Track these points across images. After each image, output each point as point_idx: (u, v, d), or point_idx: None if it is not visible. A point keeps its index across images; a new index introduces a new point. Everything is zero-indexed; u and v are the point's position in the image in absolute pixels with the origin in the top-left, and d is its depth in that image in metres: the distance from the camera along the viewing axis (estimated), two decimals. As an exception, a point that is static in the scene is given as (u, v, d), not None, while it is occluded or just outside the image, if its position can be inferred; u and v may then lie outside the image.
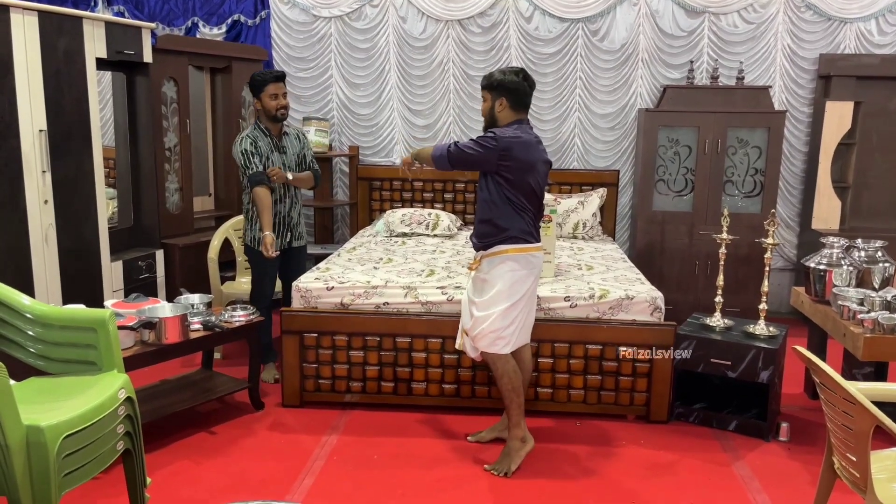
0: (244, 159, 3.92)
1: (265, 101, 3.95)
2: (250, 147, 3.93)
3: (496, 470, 3.18)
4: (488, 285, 3.18)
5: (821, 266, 3.69)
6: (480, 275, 3.22)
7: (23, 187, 3.70)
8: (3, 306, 2.74)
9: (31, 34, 3.69)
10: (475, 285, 3.26)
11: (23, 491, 2.22)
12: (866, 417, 2.08)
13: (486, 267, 3.19)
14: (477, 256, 3.26)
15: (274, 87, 3.95)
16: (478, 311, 3.19)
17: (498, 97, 3.15)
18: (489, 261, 3.18)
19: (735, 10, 5.40)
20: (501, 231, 3.14)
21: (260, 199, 3.89)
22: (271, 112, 3.97)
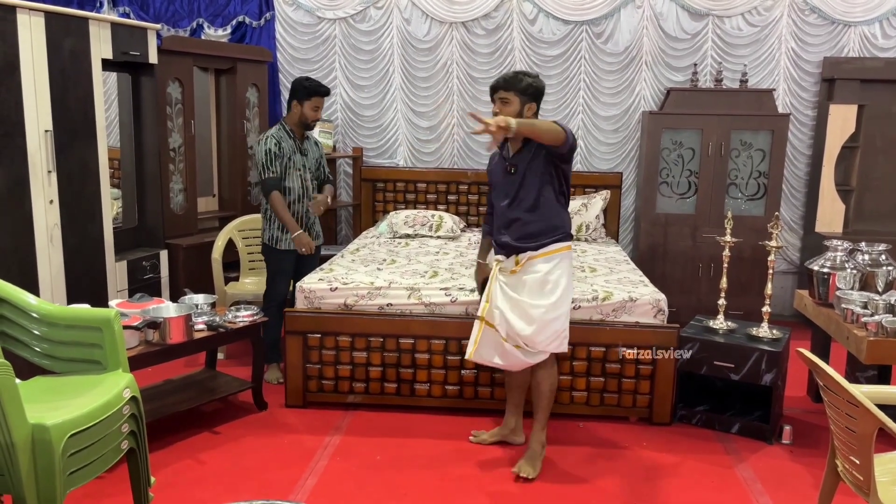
0: (266, 160, 4.01)
1: (307, 108, 4.07)
2: (274, 147, 4.03)
3: (525, 472, 3.15)
4: (552, 286, 3.10)
5: (824, 269, 3.69)
6: (537, 276, 3.08)
7: (28, 187, 3.71)
8: (9, 305, 2.76)
9: (38, 34, 3.70)
10: (530, 288, 3.09)
11: (28, 489, 2.23)
12: (869, 420, 2.08)
13: (544, 267, 3.09)
14: (521, 258, 3.11)
15: (320, 101, 4.10)
16: (547, 314, 3.08)
17: (528, 102, 3.10)
18: (546, 259, 3.10)
19: (739, 13, 5.41)
20: (558, 229, 3.12)
21: (276, 204, 4.02)
22: (307, 120, 4.10)
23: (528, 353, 3.14)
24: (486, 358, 3.22)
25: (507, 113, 3.04)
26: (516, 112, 3.07)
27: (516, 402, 3.46)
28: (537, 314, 3.08)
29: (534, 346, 3.11)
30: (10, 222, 3.65)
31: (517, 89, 3.08)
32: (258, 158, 4.04)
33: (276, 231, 4.14)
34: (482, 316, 3.20)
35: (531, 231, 3.10)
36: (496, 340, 3.16)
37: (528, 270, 3.10)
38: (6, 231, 3.64)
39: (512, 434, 3.47)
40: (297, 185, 4.12)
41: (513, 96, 3.09)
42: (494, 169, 3.30)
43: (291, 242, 4.12)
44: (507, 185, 3.17)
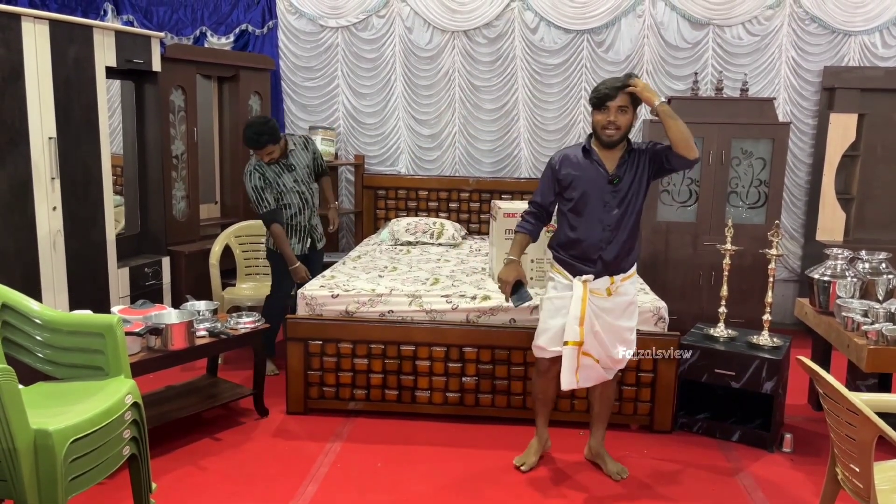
0: (256, 196, 4.14)
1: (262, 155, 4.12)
2: (259, 182, 4.13)
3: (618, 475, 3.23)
4: (635, 307, 3.13)
5: (825, 277, 3.70)
6: (627, 298, 3.06)
7: (32, 193, 3.73)
8: (12, 311, 2.77)
9: (42, 42, 3.73)
10: (623, 311, 3.06)
11: (30, 495, 2.24)
12: (869, 428, 2.08)
13: (632, 288, 3.09)
14: (617, 279, 3.04)
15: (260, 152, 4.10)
16: (632, 335, 3.12)
17: (636, 109, 2.98)
18: (632, 281, 3.10)
19: (739, 23, 5.43)
20: (639, 249, 3.14)
21: (278, 236, 4.16)
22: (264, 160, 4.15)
23: (609, 369, 3.16)
24: (586, 383, 3.14)
25: (623, 122, 2.91)
26: (630, 121, 2.94)
27: (547, 417, 3.38)
28: (629, 336, 3.11)
29: (618, 365, 3.15)
30: (13, 228, 3.67)
31: (633, 97, 2.90)
32: (250, 196, 4.17)
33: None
34: (580, 342, 3.01)
35: (629, 251, 3.04)
36: (590, 364, 3.07)
37: (620, 293, 3.05)
38: (9, 236, 3.65)
39: (546, 443, 3.42)
40: (296, 201, 4.27)
41: (630, 103, 2.91)
42: (582, 175, 3.01)
43: (297, 247, 4.30)
44: (609, 198, 2.98)
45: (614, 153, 3.01)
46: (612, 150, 3.00)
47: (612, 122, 2.91)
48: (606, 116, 2.91)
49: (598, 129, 2.96)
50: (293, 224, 4.29)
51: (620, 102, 2.89)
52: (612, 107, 2.90)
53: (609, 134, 2.94)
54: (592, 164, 3.01)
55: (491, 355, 3.71)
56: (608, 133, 2.94)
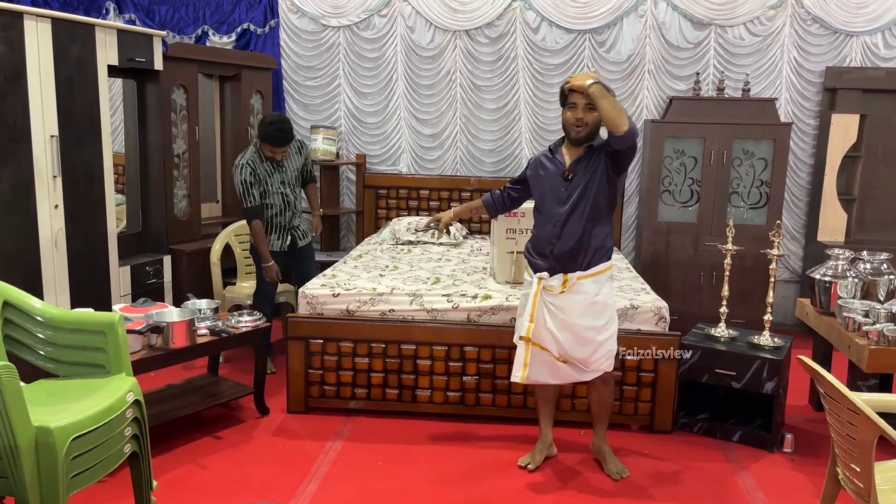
0: (243, 189, 4.13)
1: (265, 149, 4.15)
2: (250, 177, 4.13)
3: (622, 473, 3.23)
4: (600, 307, 3.04)
5: (826, 278, 3.70)
6: (586, 297, 3.00)
7: (34, 191, 3.74)
8: (13, 309, 2.77)
9: (44, 41, 3.73)
10: (580, 310, 3.01)
11: (31, 492, 2.24)
12: (870, 428, 2.08)
13: (594, 288, 3.02)
14: (571, 278, 3.01)
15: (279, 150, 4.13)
16: (600, 336, 3.05)
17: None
18: (595, 280, 3.02)
19: (741, 23, 5.43)
20: (606, 248, 3.05)
21: (256, 233, 4.17)
22: (267, 157, 4.18)
23: (580, 370, 3.11)
24: (538, 378, 3.14)
25: (591, 120, 2.95)
26: (598, 119, 2.94)
27: (550, 416, 3.38)
28: (590, 336, 3.04)
29: (588, 366, 3.09)
30: (15, 226, 3.67)
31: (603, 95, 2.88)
32: (237, 187, 4.16)
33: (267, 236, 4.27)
34: (528, 337, 3.08)
35: (588, 248, 3.00)
36: (547, 360, 3.08)
37: (577, 291, 3.01)
38: (11, 235, 3.66)
39: (550, 448, 3.40)
40: (279, 201, 4.28)
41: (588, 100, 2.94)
42: (544, 175, 3.11)
43: (276, 243, 4.31)
44: (561, 194, 3.02)
45: (574, 150, 3.07)
46: (578, 148, 3.05)
47: (580, 119, 2.96)
48: (574, 114, 2.97)
49: (567, 126, 3.01)
50: (273, 223, 4.29)
51: (588, 100, 2.92)
52: (579, 104, 2.95)
53: (577, 130, 2.99)
54: (554, 161, 3.11)
55: (492, 354, 3.71)
56: (577, 130, 2.99)
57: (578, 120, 2.96)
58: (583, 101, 2.93)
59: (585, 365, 3.09)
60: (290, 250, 4.38)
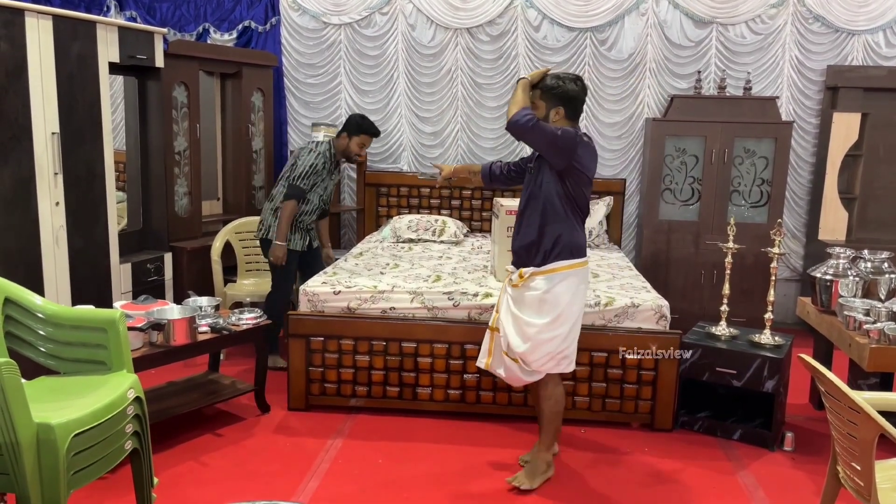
0: (307, 171, 4.21)
1: (353, 143, 4.30)
2: (320, 166, 4.24)
3: (520, 482, 3.08)
4: (549, 305, 2.96)
5: (827, 276, 3.70)
6: (536, 293, 2.96)
7: (35, 189, 3.74)
8: (15, 306, 2.77)
9: (46, 38, 3.73)
10: (528, 304, 2.99)
11: (32, 489, 2.24)
12: (871, 426, 2.08)
13: (544, 284, 2.95)
14: (525, 272, 2.98)
15: (367, 140, 4.32)
16: (539, 334, 2.97)
17: (555, 106, 2.93)
18: (548, 278, 2.94)
19: (743, 21, 5.42)
20: (564, 244, 2.94)
21: (288, 211, 4.19)
22: (350, 154, 4.33)
23: (523, 370, 3.07)
24: (495, 368, 3.19)
25: (539, 113, 2.95)
26: (543, 117, 2.94)
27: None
28: (531, 332, 2.98)
29: (528, 364, 3.03)
30: (16, 223, 3.67)
31: (543, 91, 2.95)
32: (301, 165, 4.21)
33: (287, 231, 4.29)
34: (494, 326, 3.17)
35: (537, 244, 2.96)
36: (500, 352, 3.13)
37: (530, 286, 2.99)
38: (12, 232, 3.66)
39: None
40: (316, 203, 4.36)
41: (538, 100, 2.96)
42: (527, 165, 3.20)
43: (298, 243, 4.34)
44: (525, 186, 3.07)
45: None
46: None
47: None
48: None
49: None
50: (301, 222, 4.33)
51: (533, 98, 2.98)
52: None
53: None
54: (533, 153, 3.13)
55: (492, 353, 3.71)
56: None
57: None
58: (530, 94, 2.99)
59: (526, 362, 3.02)
60: (308, 249, 4.45)
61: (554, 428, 3.16)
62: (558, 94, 2.93)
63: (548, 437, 3.16)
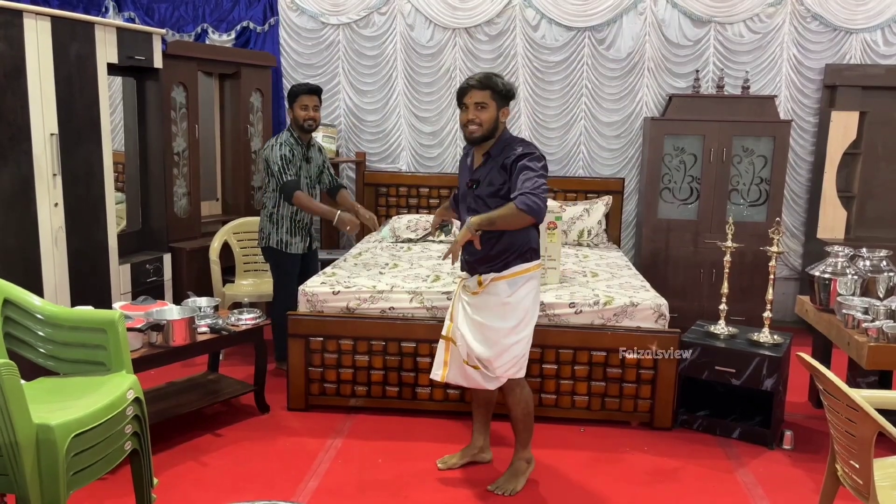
0: (282, 165, 4.09)
1: (296, 110, 4.16)
2: (288, 153, 4.11)
3: (501, 489, 3.06)
4: (512, 308, 2.94)
5: (825, 275, 3.70)
6: (498, 298, 2.93)
7: (33, 190, 3.74)
8: (14, 307, 2.78)
9: (44, 39, 3.73)
10: (491, 310, 2.95)
11: (32, 489, 2.24)
12: (869, 424, 2.09)
13: (507, 289, 2.92)
14: (485, 279, 2.94)
15: (306, 99, 4.15)
16: (505, 339, 2.95)
17: (503, 105, 2.92)
18: (510, 282, 2.92)
19: (741, 20, 5.43)
20: (522, 248, 2.93)
21: (305, 202, 4.11)
22: (299, 121, 4.17)
23: (486, 376, 3.02)
24: (455, 379, 3.12)
25: (484, 118, 2.87)
26: (493, 118, 2.89)
27: (482, 421, 3.32)
28: (497, 337, 2.95)
29: (492, 370, 2.98)
30: (15, 224, 3.67)
31: (494, 90, 2.88)
32: (273, 165, 4.11)
33: (285, 235, 4.25)
34: (448, 336, 3.09)
35: (497, 250, 2.91)
36: (459, 361, 3.06)
37: (491, 292, 2.94)
38: (11, 233, 3.66)
39: (480, 453, 3.33)
40: (305, 192, 4.20)
41: (489, 99, 2.88)
42: (461, 173, 3.13)
43: (299, 245, 4.27)
44: (470, 200, 2.98)
45: (479, 152, 3.00)
46: (477, 150, 3.00)
47: (471, 120, 2.89)
48: (466, 115, 2.91)
49: (461, 127, 2.96)
50: (297, 219, 4.25)
51: (478, 99, 2.87)
52: (469, 103, 2.90)
53: (471, 130, 2.91)
54: (466, 161, 3.09)
55: (492, 352, 3.71)
56: (469, 130, 2.92)
57: (469, 120, 2.90)
58: (472, 101, 2.88)
59: (490, 368, 2.98)
60: (308, 251, 4.39)
61: (529, 428, 3.13)
62: (506, 94, 2.92)
63: (524, 437, 3.14)
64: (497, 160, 2.93)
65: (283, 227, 4.23)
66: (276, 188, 4.17)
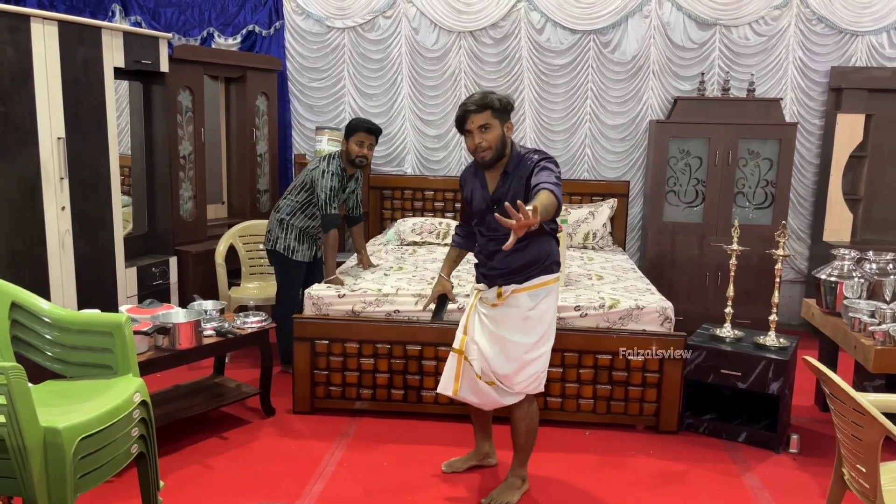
0: (329, 196, 4.15)
1: (351, 144, 4.17)
2: (337, 185, 4.18)
3: (495, 502, 3.00)
4: (533, 323, 2.88)
5: (832, 278, 3.69)
6: (521, 311, 2.87)
7: (41, 193, 3.76)
8: (21, 310, 2.79)
9: (51, 43, 3.75)
10: (512, 324, 2.88)
11: (39, 492, 2.25)
12: (876, 428, 2.08)
13: (529, 302, 2.86)
14: (506, 291, 2.88)
15: (363, 136, 4.16)
16: (527, 354, 2.89)
17: (506, 121, 2.84)
18: (531, 294, 2.86)
19: (746, 23, 5.42)
20: (545, 260, 2.87)
21: (332, 244, 4.17)
22: (351, 156, 4.18)
23: (502, 392, 2.95)
24: (465, 396, 3.04)
25: (491, 139, 2.79)
26: (499, 136, 2.81)
27: (484, 428, 3.29)
28: (517, 353, 2.88)
29: (510, 385, 2.92)
30: (22, 228, 3.69)
31: (493, 108, 2.79)
32: (321, 192, 4.14)
33: (293, 242, 4.28)
34: (461, 349, 3.00)
35: (520, 262, 2.85)
36: (470, 376, 2.98)
37: (511, 304, 2.87)
38: (19, 236, 3.68)
39: (486, 458, 3.32)
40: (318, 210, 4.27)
41: (491, 119, 2.79)
42: (473, 196, 2.99)
43: (306, 253, 4.32)
44: (491, 221, 2.85)
45: (493, 175, 2.91)
46: (491, 172, 2.91)
47: (479, 145, 2.81)
48: (472, 141, 2.83)
49: (471, 153, 2.88)
50: (306, 230, 4.30)
51: (480, 122, 2.79)
52: (472, 129, 2.81)
53: (482, 155, 2.83)
54: (477, 179, 2.97)
55: (497, 355, 3.70)
56: (480, 155, 2.84)
57: (477, 145, 2.81)
58: (475, 126, 2.80)
59: (509, 384, 2.91)
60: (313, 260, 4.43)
61: (530, 445, 3.06)
62: (505, 108, 2.84)
63: (524, 454, 3.08)
64: (516, 175, 2.86)
65: (291, 234, 4.27)
66: (305, 202, 4.24)
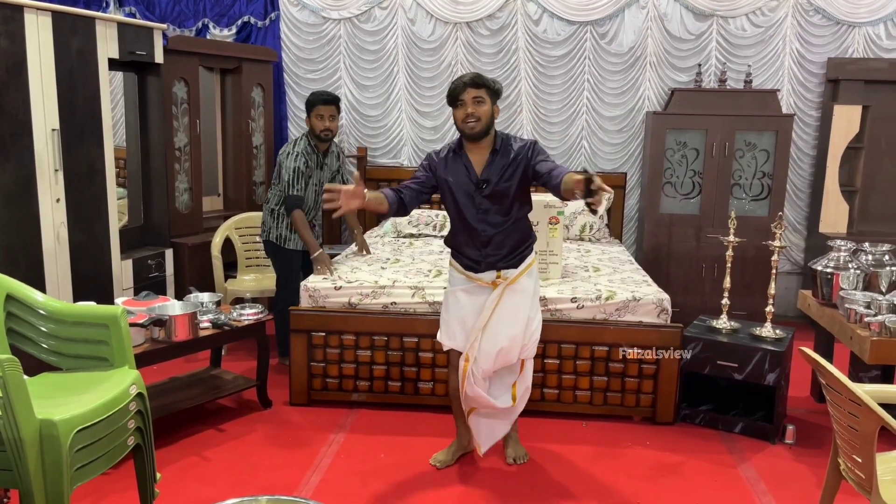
0: (293, 177, 4.11)
1: (313, 120, 4.17)
2: (302, 166, 4.13)
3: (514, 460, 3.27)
4: (532, 295, 3.09)
5: (828, 269, 3.70)
6: (527, 293, 3.06)
7: (35, 185, 3.74)
8: (16, 302, 2.78)
9: (45, 34, 3.73)
10: (527, 303, 3.05)
11: (35, 484, 2.25)
12: (872, 418, 2.09)
13: (529, 281, 3.07)
14: (511, 275, 3.03)
15: (322, 109, 4.14)
16: (534, 325, 3.10)
17: (495, 102, 2.99)
18: (528, 274, 3.07)
19: (743, 14, 5.41)
20: (530, 240, 3.12)
21: (299, 222, 4.13)
22: (315, 131, 4.17)
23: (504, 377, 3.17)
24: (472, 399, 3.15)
25: (483, 112, 2.91)
26: (489, 112, 2.94)
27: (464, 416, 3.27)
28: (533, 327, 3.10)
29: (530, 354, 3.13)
30: (17, 220, 3.67)
31: (488, 87, 2.95)
32: (285, 173, 4.13)
33: (285, 230, 4.26)
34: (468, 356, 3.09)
35: (516, 246, 3.04)
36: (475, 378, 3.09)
37: (517, 290, 3.04)
38: (14, 229, 3.66)
39: (469, 445, 3.35)
40: (311, 199, 4.26)
41: (486, 95, 2.94)
42: (454, 182, 3.02)
43: (298, 242, 4.26)
44: (479, 201, 2.99)
45: (481, 155, 2.99)
46: (480, 146, 2.99)
47: (470, 115, 2.90)
48: (464, 110, 2.92)
49: (460, 124, 2.95)
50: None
51: (474, 94, 2.91)
52: (466, 99, 2.91)
53: (471, 125, 2.92)
54: (459, 162, 3.03)
55: (494, 347, 3.71)
56: (469, 125, 2.92)
57: (469, 114, 2.91)
58: (469, 97, 2.91)
59: (525, 351, 3.10)
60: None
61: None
62: (497, 91, 2.99)
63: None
64: (504, 153, 2.99)
65: (283, 223, 4.25)
66: (279, 192, 4.22)
